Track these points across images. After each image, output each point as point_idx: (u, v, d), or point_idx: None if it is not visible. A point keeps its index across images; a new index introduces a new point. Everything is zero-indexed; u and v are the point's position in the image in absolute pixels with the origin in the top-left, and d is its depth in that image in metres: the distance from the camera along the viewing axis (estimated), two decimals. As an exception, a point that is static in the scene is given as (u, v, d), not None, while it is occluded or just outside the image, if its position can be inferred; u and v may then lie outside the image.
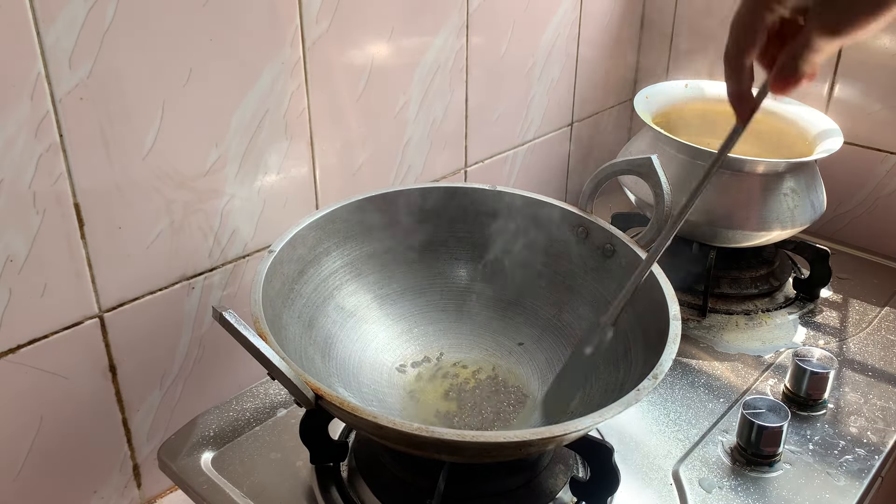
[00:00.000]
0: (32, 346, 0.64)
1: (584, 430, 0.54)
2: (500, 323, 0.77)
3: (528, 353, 0.74)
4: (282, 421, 0.74)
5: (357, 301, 0.74)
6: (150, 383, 0.74)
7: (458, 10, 0.90)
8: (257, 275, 0.62)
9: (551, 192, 1.18)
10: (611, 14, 1.16)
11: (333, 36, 0.78)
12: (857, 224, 1.10)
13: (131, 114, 0.65)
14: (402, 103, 0.88)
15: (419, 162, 0.93)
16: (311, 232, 0.70)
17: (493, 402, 0.70)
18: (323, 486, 0.66)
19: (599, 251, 0.73)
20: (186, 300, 0.74)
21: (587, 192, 0.75)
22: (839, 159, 0.91)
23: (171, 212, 0.70)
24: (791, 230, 0.89)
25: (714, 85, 1.05)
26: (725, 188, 0.88)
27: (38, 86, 0.59)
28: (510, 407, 0.69)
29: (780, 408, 0.70)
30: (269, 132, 0.75)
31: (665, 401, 0.78)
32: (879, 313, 0.93)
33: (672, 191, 0.70)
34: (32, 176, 0.60)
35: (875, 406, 0.78)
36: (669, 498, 0.67)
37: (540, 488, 0.65)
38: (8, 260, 0.61)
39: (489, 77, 0.98)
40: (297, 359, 0.62)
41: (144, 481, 0.77)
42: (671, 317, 0.61)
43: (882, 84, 1.03)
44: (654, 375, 0.55)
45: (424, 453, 0.56)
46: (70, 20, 0.59)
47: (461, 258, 0.78)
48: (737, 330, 0.90)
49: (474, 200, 0.77)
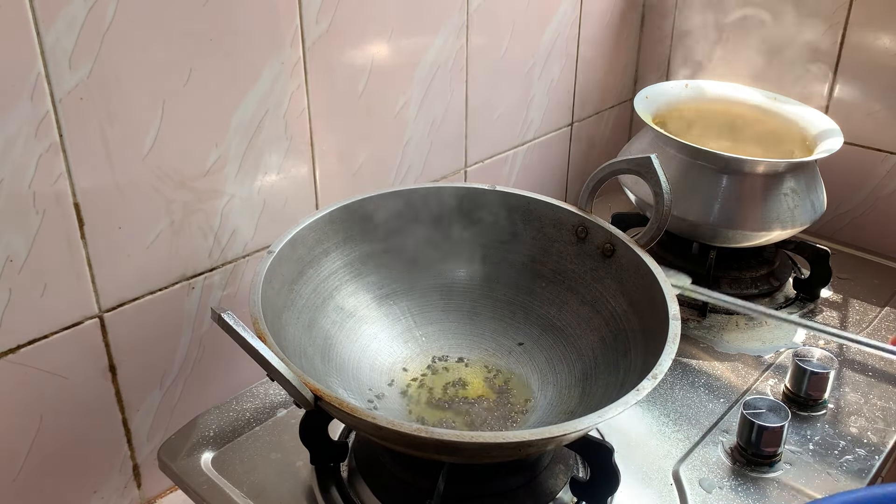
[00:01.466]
0: (32, 346, 0.64)
1: (583, 430, 0.54)
2: (499, 323, 0.77)
3: (528, 353, 0.74)
4: (282, 421, 0.74)
5: (357, 301, 0.74)
6: (150, 383, 0.74)
7: (458, 10, 0.90)
8: (256, 275, 0.62)
9: (551, 192, 1.18)
10: (611, 14, 1.16)
11: (333, 36, 0.78)
12: (857, 224, 1.10)
13: (131, 114, 0.65)
14: (402, 103, 0.88)
15: (419, 162, 0.93)
16: (311, 232, 0.70)
17: (493, 402, 0.70)
18: (323, 486, 0.66)
19: (599, 251, 0.73)
20: (186, 300, 0.75)
21: (587, 191, 0.75)
22: (839, 159, 0.91)
23: (171, 212, 0.70)
24: (791, 230, 0.89)
25: (714, 85, 1.05)
26: (725, 188, 0.88)
27: (38, 86, 0.59)
28: (510, 407, 0.69)
29: (780, 408, 0.70)
30: (269, 132, 0.75)
31: (665, 401, 0.78)
32: (879, 313, 0.93)
33: (672, 190, 0.70)
34: (32, 176, 0.60)
35: (875, 406, 0.78)
36: (669, 498, 0.67)
37: (540, 488, 0.65)
38: (8, 260, 0.61)
39: (489, 77, 0.98)
40: (296, 360, 0.62)
41: (144, 481, 0.77)
42: (671, 317, 0.61)
43: (882, 84, 1.03)
44: (654, 375, 0.55)
45: (424, 454, 0.56)
46: (70, 20, 0.59)
47: (461, 258, 0.78)
48: (737, 330, 0.90)
49: (474, 200, 0.77)
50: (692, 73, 1.19)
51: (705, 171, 0.89)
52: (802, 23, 1.06)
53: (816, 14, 1.05)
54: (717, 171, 0.89)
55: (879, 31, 1.01)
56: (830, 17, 1.04)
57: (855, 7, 1.02)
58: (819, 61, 1.07)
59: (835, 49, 1.05)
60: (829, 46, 1.05)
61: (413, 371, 0.73)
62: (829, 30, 1.04)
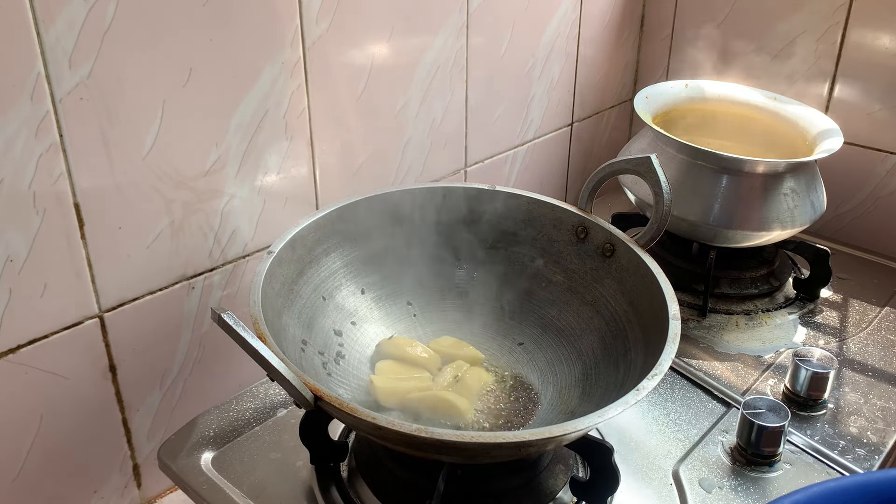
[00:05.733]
0: (32, 346, 0.64)
1: (583, 430, 0.54)
2: (499, 323, 0.77)
3: (528, 353, 0.74)
4: (282, 421, 0.74)
5: (356, 301, 0.74)
6: (150, 383, 0.74)
7: (458, 10, 0.90)
8: (256, 276, 0.62)
9: (551, 192, 1.18)
10: (611, 14, 1.16)
11: (333, 36, 0.78)
12: (857, 224, 1.10)
13: (131, 114, 0.65)
14: (402, 103, 0.88)
15: (419, 162, 0.93)
16: (311, 233, 0.70)
17: (493, 402, 0.70)
18: (323, 486, 0.66)
19: (599, 251, 0.73)
20: (186, 300, 0.75)
21: (587, 191, 0.75)
22: (839, 159, 0.91)
23: (171, 212, 0.70)
24: (791, 230, 0.89)
25: (714, 85, 1.05)
26: (725, 188, 0.88)
27: (38, 86, 0.59)
28: (510, 407, 0.69)
29: (780, 408, 0.70)
30: (269, 132, 0.76)
31: (665, 401, 0.78)
32: (879, 313, 0.93)
33: (672, 190, 0.70)
34: (32, 176, 0.60)
35: (875, 406, 0.78)
36: (669, 498, 0.67)
37: (540, 488, 0.65)
38: (8, 260, 0.61)
39: (489, 77, 0.98)
40: (296, 360, 0.62)
41: (144, 481, 0.77)
42: (671, 316, 0.61)
43: (882, 84, 1.03)
44: (654, 375, 0.55)
45: (424, 454, 0.56)
46: (70, 20, 0.59)
47: (461, 258, 0.78)
48: (737, 330, 0.90)
49: (474, 200, 0.77)
50: (692, 73, 1.19)
51: (705, 171, 0.89)
52: (802, 23, 1.06)
53: (816, 14, 1.05)
54: (717, 171, 0.89)
55: (879, 31, 1.01)
56: (830, 17, 1.04)
57: (855, 7, 1.02)
58: (819, 61, 1.07)
59: (835, 49, 1.05)
60: (829, 46, 1.05)
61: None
62: (829, 30, 1.05)
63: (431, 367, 0.72)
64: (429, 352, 0.72)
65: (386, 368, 0.70)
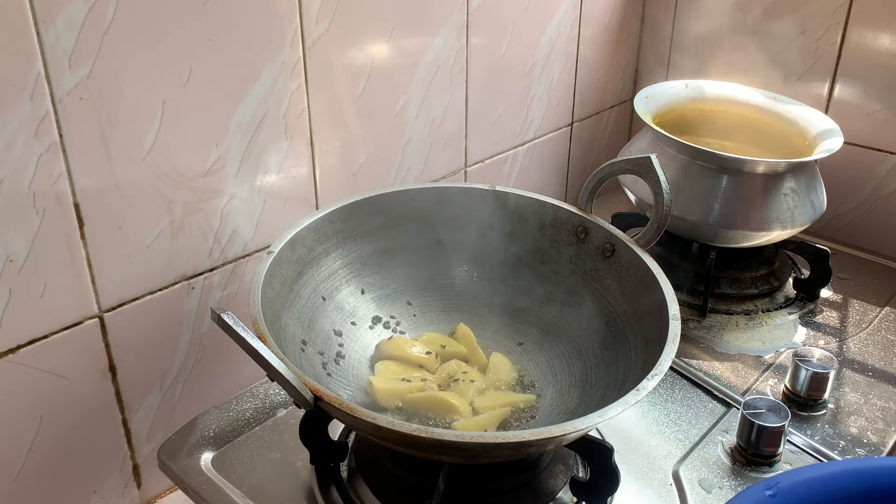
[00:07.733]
0: (32, 346, 0.64)
1: (583, 430, 0.54)
2: (499, 323, 0.77)
3: (528, 353, 0.74)
4: (282, 421, 0.74)
5: (356, 302, 0.74)
6: (150, 383, 0.74)
7: (458, 10, 0.90)
8: (256, 276, 0.62)
9: (551, 192, 1.18)
10: (611, 14, 1.16)
11: (333, 36, 0.78)
12: (857, 224, 1.10)
13: (131, 114, 0.65)
14: (402, 103, 0.88)
15: (419, 162, 0.93)
16: (311, 233, 0.70)
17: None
18: (323, 486, 0.66)
19: (599, 251, 0.73)
20: (186, 300, 0.75)
21: (587, 191, 0.75)
22: (839, 159, 0.91)
23: (171, 212, 0.70)
24: (791, 230, 0.89)
25: (714, 85, 1.05)
26: (725, 188, 0.88)
27: (38, 86, 0.59)
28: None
29: (780, 408, 0.70)
30: (269, 132, 0.76)
31: (665, 401, 0.78)
32: (879, 313, 0.93)
33: (672, 190, 0.70)
34: (32, 176, 0.60)
35: (875, 406, 0.78)
36: (669, 498, 0.67)
37: (540, 488, 0.65)
38: (8, 260, 0.61)
39: (489, 77, 0.98)
40: (296, 360, 0.62)
41: (144, 481, 0.77)
42: (671, 316, 0.61)
43: (882, 84, 1.03)
44: (654, 375, 0.55)
45: (424, 454, 0.56)
46: (70, 20, 0.59)
47: (461, 258, 0.78)
48: (737, 330, 0.90)
49: (474, 200, 0.77)
50: (692, 73, 1.19)
51: (705, 171, 0.89)
52: (802, 23, 1.06)
53: (816, 14, 1.05)
54: (717, 171, 0.89)
55: (879, 31, 1.01)
56: (830, 17, 1.04)
57: (855, 7, 1.02)
58: (819, 61, 1.07)
59: (835, 49, 1.05)
60: (829, 46, 1.05)
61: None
62: (829, 30, 1.04)
63: (431, 367, 0.72)
64: (429, 352, 0.72)
65: (385, 369, 0.70)
